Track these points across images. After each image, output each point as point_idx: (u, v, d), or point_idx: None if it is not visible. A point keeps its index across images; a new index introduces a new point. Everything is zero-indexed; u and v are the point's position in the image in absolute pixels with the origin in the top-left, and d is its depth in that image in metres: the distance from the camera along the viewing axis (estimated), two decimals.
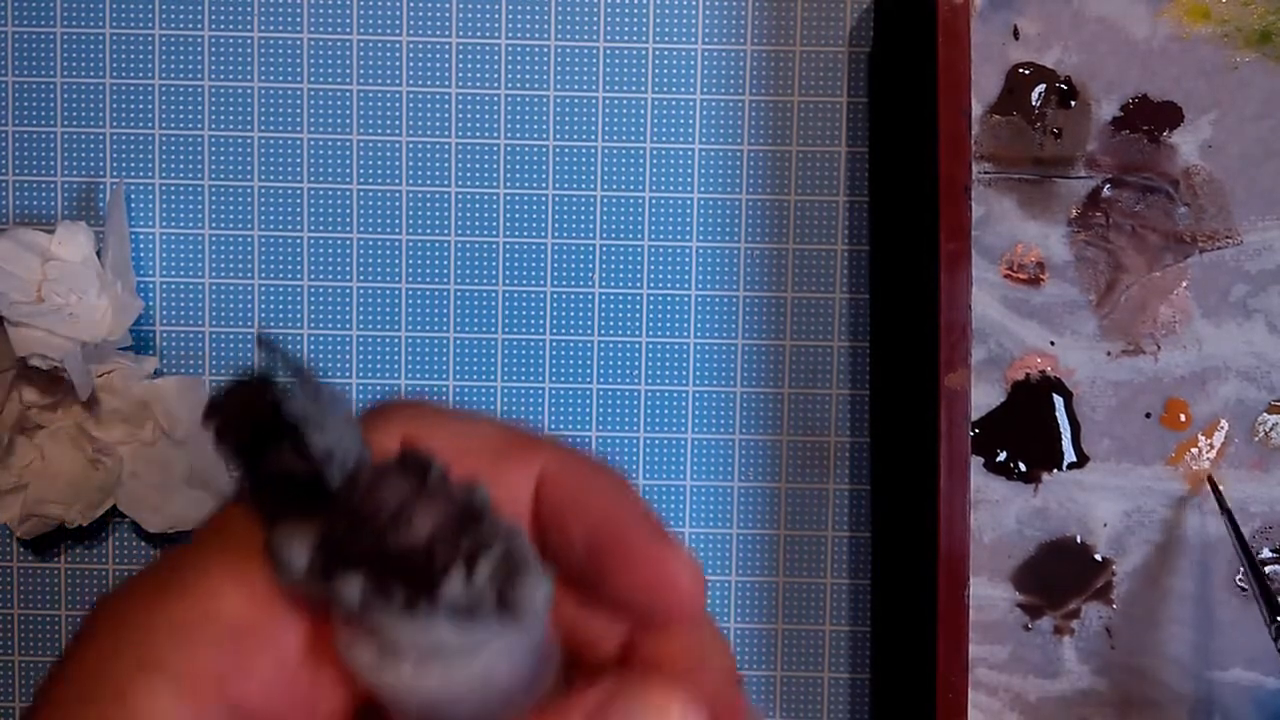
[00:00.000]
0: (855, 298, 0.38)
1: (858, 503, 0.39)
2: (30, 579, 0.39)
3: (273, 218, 0.38)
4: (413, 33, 0.38)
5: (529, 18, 0.38)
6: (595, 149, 0.38)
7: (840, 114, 0.38)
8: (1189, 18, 0.34)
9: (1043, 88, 0.34)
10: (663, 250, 0.38)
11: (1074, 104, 0.34)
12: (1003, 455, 0.34)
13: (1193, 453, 0.34)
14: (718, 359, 0.39)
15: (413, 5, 0.38)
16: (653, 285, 0.38)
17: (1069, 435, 0.34)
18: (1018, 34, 0.34)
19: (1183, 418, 0.34)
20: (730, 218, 0.38)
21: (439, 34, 0.38)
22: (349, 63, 0.38)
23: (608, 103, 0.38)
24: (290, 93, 0.38)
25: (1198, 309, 0.34)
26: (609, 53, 0.38)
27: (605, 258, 0.38)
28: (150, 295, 0.38)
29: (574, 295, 0.38)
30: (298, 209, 0.38)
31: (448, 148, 0.38)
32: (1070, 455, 0.34)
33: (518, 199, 0.38)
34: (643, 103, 0.38)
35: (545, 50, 0.38)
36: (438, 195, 0.38)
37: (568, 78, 0.38)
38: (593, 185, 0.38)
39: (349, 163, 0.38)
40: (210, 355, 0.39)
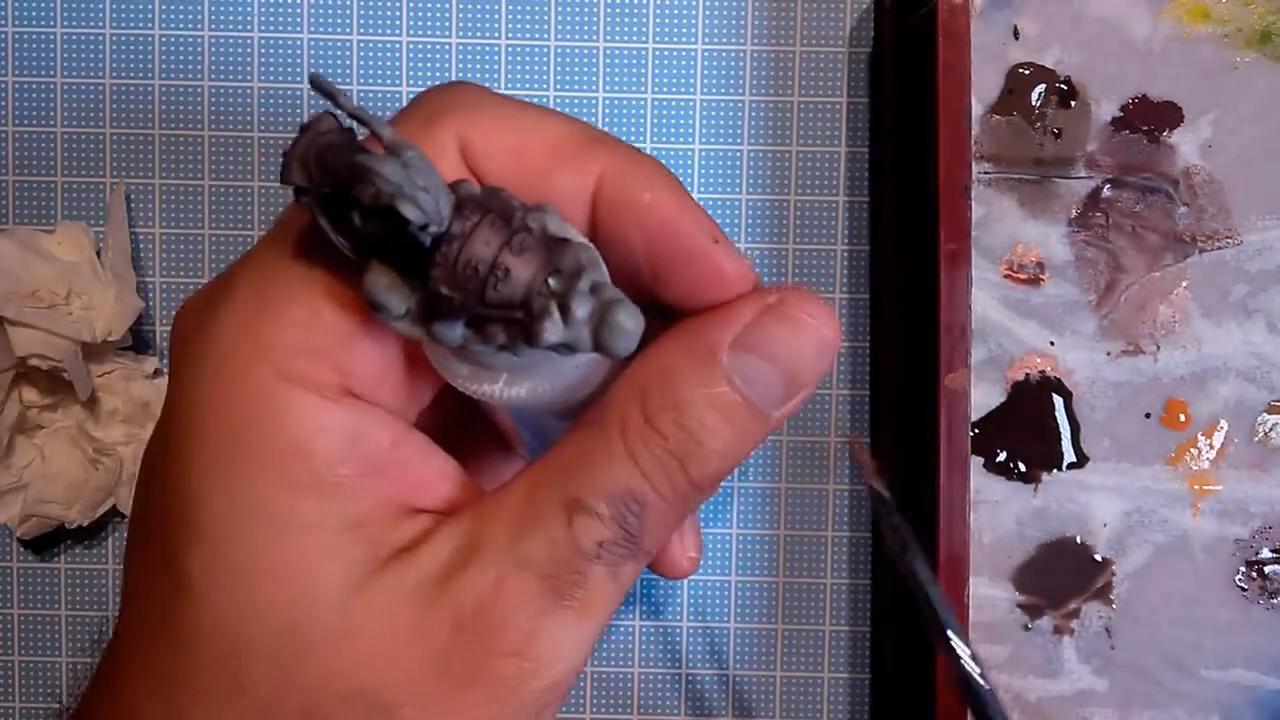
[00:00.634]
0: (855, 297, 0.38)
1: (858, 503, 0.39)
2: (30, 579, 0.39)
3: (272, 218, 0.38)
4: (413, 33, 0.38)
5: (529, 18, 0.38)
6: None
7: (840, 114, 0.38)
8: (1189, 18, 0.34)
9: (1043, 88, 0.34)
10: None
11: (1074, 104, 0.34)
12: (1003, 455, 0.34)
13: (1193, 453, 0.34)
14: None
15: (413, 5, 0.38)
16: None
17: (1069, 435, 0.34)
18: (1018, 34, 0.34)
19: (1183, 418, 0.34)
20: (730, 217, 0.38)
21: (439, 34, 0.38)
22: (349, 63, 0.38)
23: (608, 102, 0.38)
24: (290, 93, 0.38)
25: (1198, 309, 0.34)
26: (609, 53, 0.38)
27: None
28: (150, 295, 0.38)
29: None
30: None
31: None
32: (1070, 455, 0.34)
33: None
34: (643, 102, 0.38)
35: (545, 50, 0.38)
36: None
37: (568, 77, 0.38)
38: None
39: None
40: None
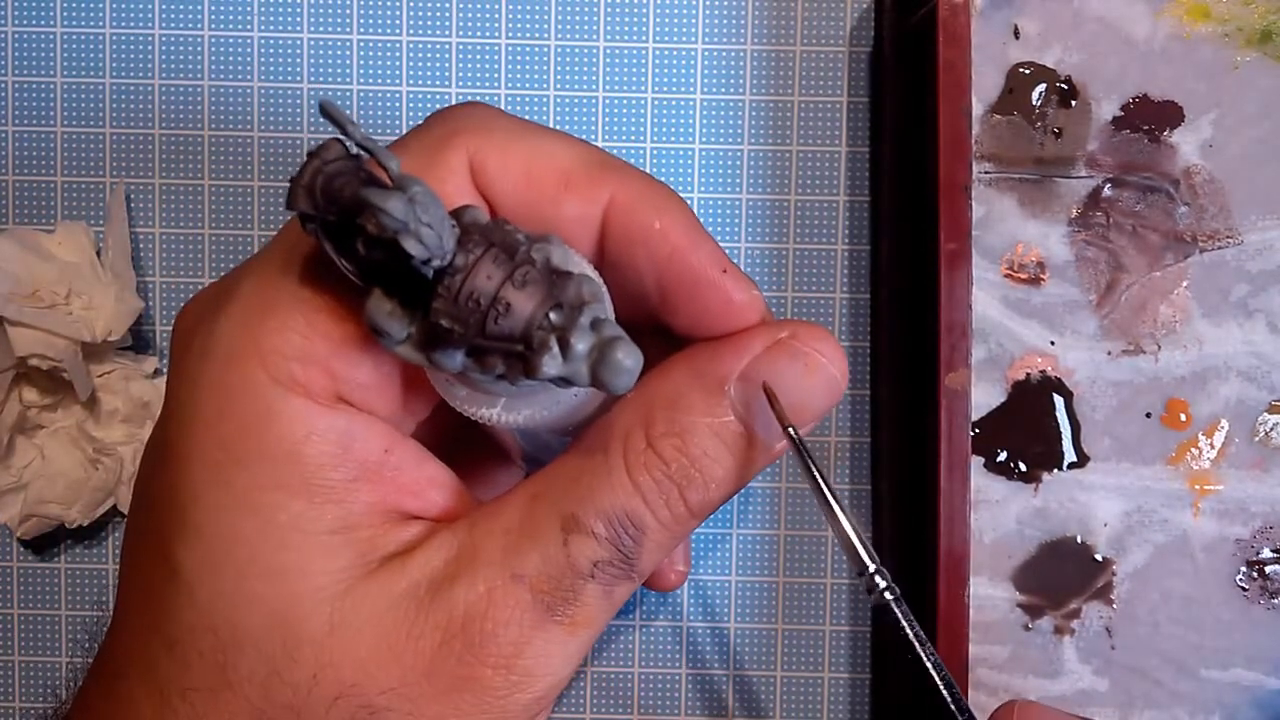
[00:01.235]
0: (855, 297, 0.38)
1: (858, 503, 0.38)
2: (30, 579, 0.39)
3: (273, 218, 0.38)
4: (413, 33, 0.38)
5: (529, 18, 0.38)
6: None
7: (840, 114, 0.38)
8: (1189, 17, 0.34)
9: (1043, 88, 0.34)
10: None
11: (1074, 104, 0.34)
12: (1003, 455, 0.34)
13: (1193, 452, 0.34)
14: None
15: (413, 5, 0.38)
16: None
17: (1069, 435, 0.34)
18: (1018, 34, 0.34)
19: (1183, 418, 0.34)
20: (730, 217, 0.38)
21: (439, 34, 0.38)
22: (349, 63, 0.38)
23: (608, 102, 0.38)
24: (290, 93, 0.38)
25: (1198, 309, 0.34)
26: (609, 53, 0.38)
27: None
28: (150, 295, 0.38)
29: None
30: None
31: None
32: (1070, 455, 0.34)
33: None
34: (643, 102, 0.38)
35: (545, 50, 0.38)
36: None
37: (568, 78, 0.38)
38: None
39: None
40: None
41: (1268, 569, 0.34)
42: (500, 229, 0.19)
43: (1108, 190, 0.34)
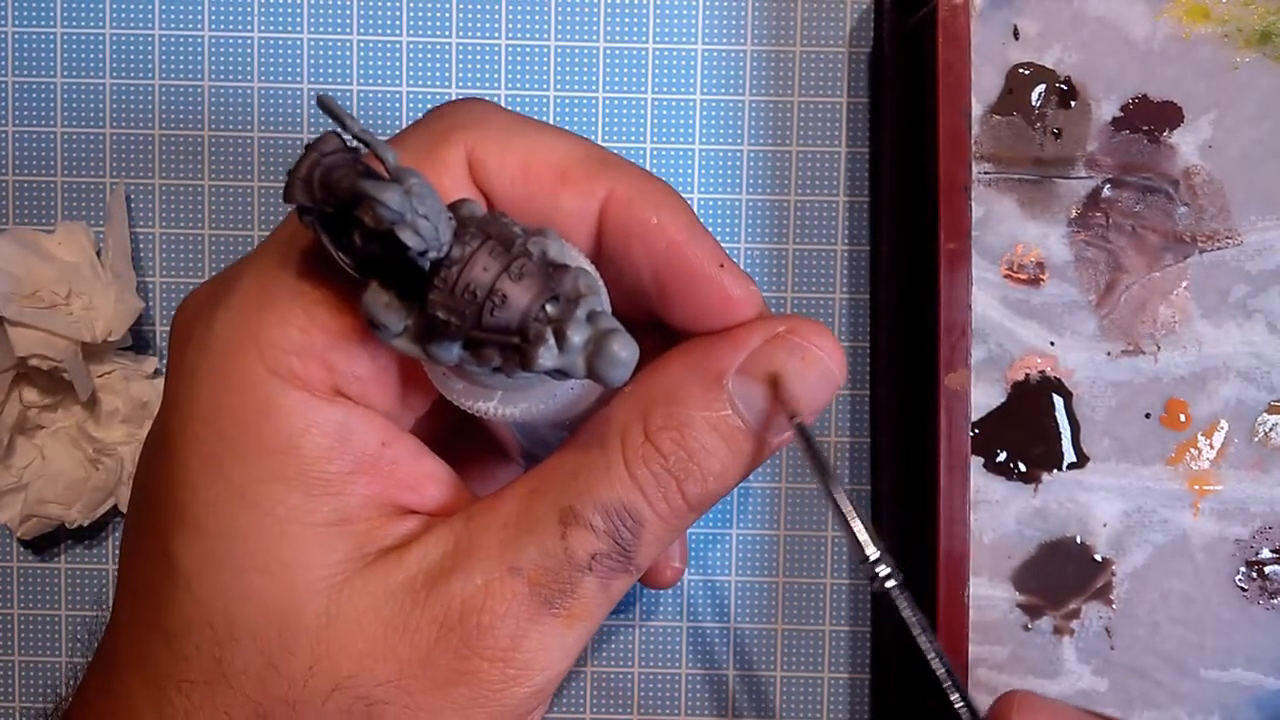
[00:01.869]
0: (855, 298, 0.38)
1: (858, 503, 0.38)
2: (30, 579, 0.39)
3: (273, 218, 0.38)
4: (413, 33, 0.38)
5: (529, 18, 0.38)
6: None
7: (840, 114, 0.38)
8: (1189, 18, 0.34)
9: (1043, 88, 0.34)
10: None
11: (1074, 104, 0.34)
12: (1003, 455, 0.34)
13: (1193, 453, 0.34)
14: None
15: (413, 5, 0.38)
16: None
17: (1069, 435, 0.34)
18: (1018, 34, 0.34)
19: (1183, 418, 0.34)
20: (730, 217, 0.38)
21: (439, 34, 0.38)
22: (349, 63, 0.38)
23: (608, 103, 0.38)
24: (290, 93, 0.38)
25: (1198, 309, 0.34)
26: (609, 53, 0.38)
27: None
28: (150, 295, 0.38)
29: None
30: None
31: None
32: (1070, 455, 0.34)
33: None
34: (643, 102, 0.38)
35: (545, 50, 0.38)
36: None
37: (568, 78, 0.38)
38: None
39: None
40: None
41: (1267, 569, 0.34)
42: (497, 222, 0.19)
43: (1107, 191, 0.34)
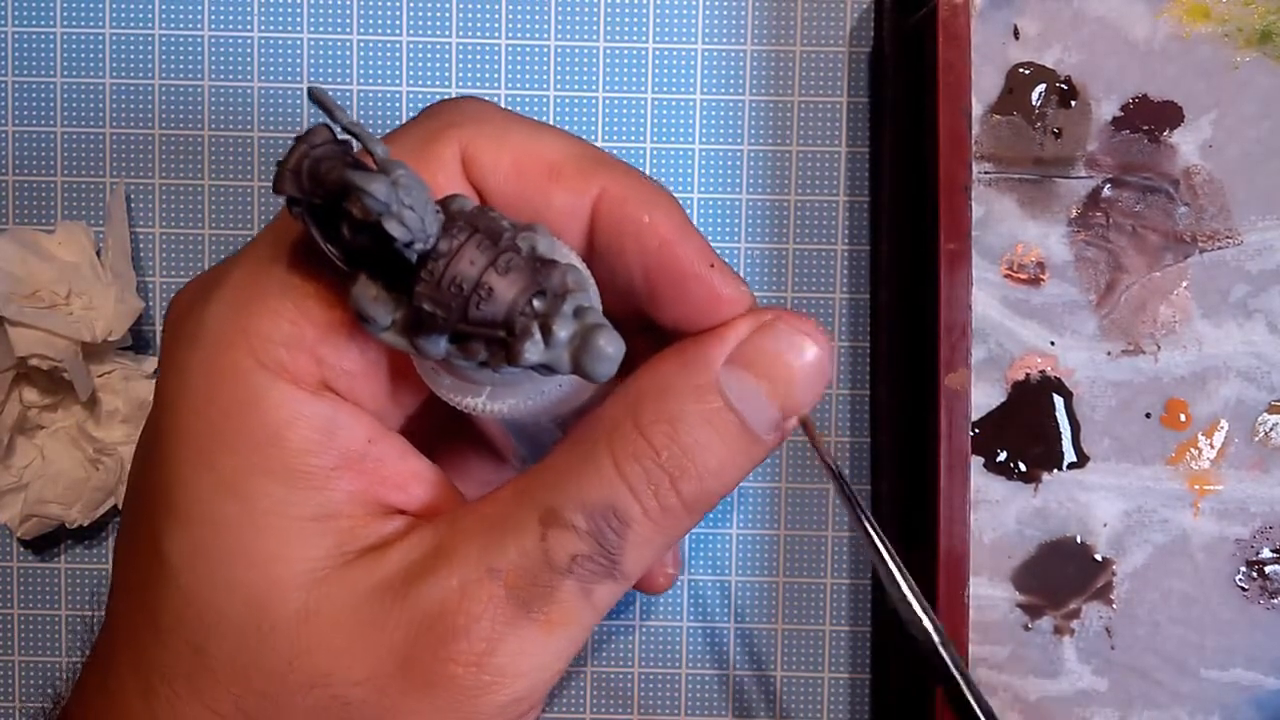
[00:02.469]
0: (855, 298, 0.38)
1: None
2: (30, 579, 0.39)
3: (272, 218, 0.38)
4: (413, 33, 0.38)
5: (529, 18, 0.38)
6: None
7: (840, 114, 0.38)
8: (1189, 17, 0.34)
9: (1043, 88, 0.34)
10: None
11: (1074, 104, 0.34)
12: (1003, 455, 0.34)
13: (1193, 453, 0.34)
14: None
15: (413, 5, 0.38)
16: None
17: (1069, 435, 0.34)
18: (1018, 34, 0.34)
19: (1183, 418, 0.34)
20: (730, 217, 0.38)
21: (439, 34, 0.38)
22: (349, 63, 0.38)
23: (608, 102, 0.38)
24: (290, 93, 0.38)
25: (1198, 309, 0.34)
26: (609, 53, 0.38)
27: None
28: (150, 295, 0.38)
29: None
30: None
31: None
32: (1070, 455, 0.34)
33: None
34: (643, 102, 0.38)
35: (545, 50, 0.38)
36: None
37: (568, 78, 0.38)
38: None
39: None
40: None
41: (1268, 569, 0.34)
42: (485, 215, 0.19)
43: (1107, 190, 0.34)
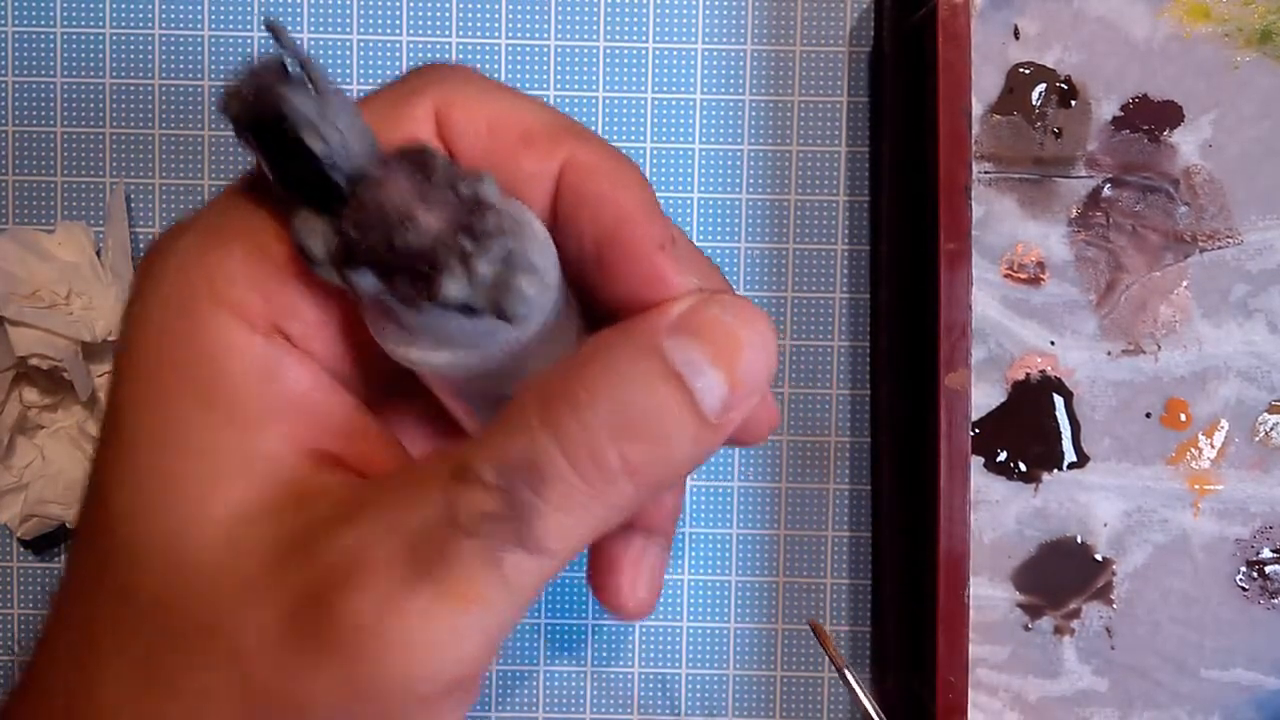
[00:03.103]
0: (855, 298, 0.38)
1: (858, 503, 0.39)
2: (30, 579, 0.39)
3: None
4: (413, 33, 0.38)
5: (529, 18, 0.38)
6: None
7: (840, 114, 0.38)
8: (1189, 17, 0.34)
9: (1043, 87, 0.34)
10: None
11: (1074, 104, 0.34)
12: (1003, 455, 0.34)
13: (1193, 452, 0.34)
14: None
15: (413, 5, 0.38)
16: None
17: (1069, 435, 0.34)
18: (1018, 34, 0.34)
19: (1183, 418, 0.34)
20: (730, 217, 0.38)
21: (439, 34, 0.38)
22: (349, 63, 0.38)
23: (608, 102, 0.38)
24: None
25: (1198, 309, 0.34)
26: (609, 52, 0.38)
27: None
28: None
29: None
30: None
31: None
32: (1070, 455, 0.34)
33: None
34: (643, 102, 0.38)
35: (545, 50, 0.38)
36: None
37: (568, 77, 0.38)
38: None
39: None
40: None
41: (1268, 569, 0.34)
42: (429, 154, 0.19)
43: (1107, 190, 0.34)
